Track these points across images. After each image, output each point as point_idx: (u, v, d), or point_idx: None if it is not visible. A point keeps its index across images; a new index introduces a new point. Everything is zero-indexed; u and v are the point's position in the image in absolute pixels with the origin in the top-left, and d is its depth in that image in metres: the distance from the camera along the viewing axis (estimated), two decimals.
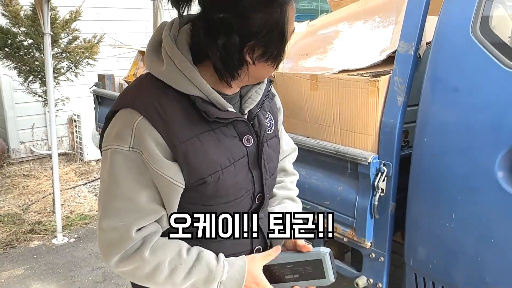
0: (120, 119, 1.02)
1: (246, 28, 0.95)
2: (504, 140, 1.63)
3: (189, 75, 0.99)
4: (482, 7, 1.72)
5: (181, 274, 1.05)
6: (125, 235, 1.02)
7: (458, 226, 1.79)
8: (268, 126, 1.19)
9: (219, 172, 1.04)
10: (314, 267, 1.14)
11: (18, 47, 4.22)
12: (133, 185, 1.01)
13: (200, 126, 1.02)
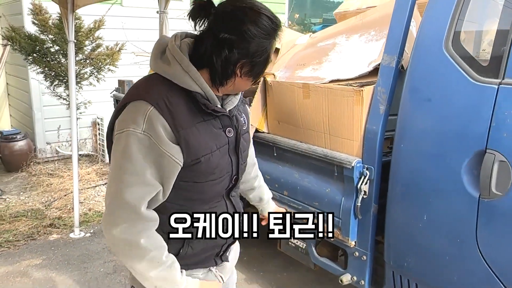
0: (134, 108, 1.22)
1: (245, 49, 1.20)
2: (469, 147, 1.76)
3: (193, 76, 1.22)
4: (455, 24, 1.85)
5: (155, 271, 1.24)
6: (136, 213, 1.20)
7: (429, 226, 1.92)
8: (243, 123, 1.43)
9: (209, 154, 1.27)
10: None
11: (45, 53, 4.53)
12: (141, 162, 1.20)
13: (197, 117, 1.26)
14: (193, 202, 1.34)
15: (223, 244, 1.45)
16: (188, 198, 1.33)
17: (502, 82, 1.68)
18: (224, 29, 1.19)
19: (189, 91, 1.23)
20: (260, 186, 1.81)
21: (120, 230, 1.20)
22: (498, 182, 1.68)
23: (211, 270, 1.46)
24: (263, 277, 3.40)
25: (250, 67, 1.24)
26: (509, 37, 1.69)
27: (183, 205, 1.33)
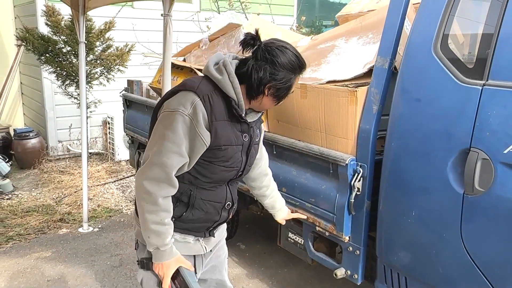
0: (185, 96, 1.59)
1: (275, 75, 1.60)
2: (454, 146, 1.84)
3: (235, 86, 1.61)
4: (443, 28, 1.94)
5: (156, 225, 1.59)
6: (169, 174, 1.57)
7: (417, 222, 2.00)
8: (256, 135, 1.82)
9: (228, 146, 1.64)
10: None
11: (57, 53, 4.68)
12: (181, 136, 1.56)
13: (227, 116, 1.63)
14: (204, 178, 1.67)
15: (215, 221, 1.78)
16: (202, 174, 1.66)
17: (486, 83, 1.76)
18: (263, 58, 1.59)
19: (227, 97, 1.60)
20: (273, 196, 2.15)
21: (149, 183, 1.56)
22: (481, 179, 1.76)
23: (199, 240, 1.80)
24: (264, 272, 3.50)
25: (276, 90, 1.63)
26: (493, 41, 1.76)
27: (196, 178, 1.67)
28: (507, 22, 1.73)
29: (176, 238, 1.73)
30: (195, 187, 1.69)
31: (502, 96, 1.70)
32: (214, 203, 1.73)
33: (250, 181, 2.08)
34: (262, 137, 1.96)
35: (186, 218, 1.70)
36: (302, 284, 3.34)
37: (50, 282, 3.27)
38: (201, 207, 1.71)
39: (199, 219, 1.73)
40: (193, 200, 1.69)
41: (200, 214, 1.72)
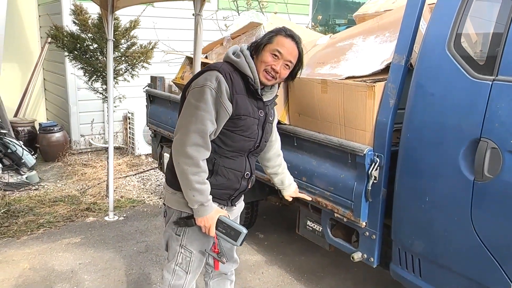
0: (210, 74, 1.88)
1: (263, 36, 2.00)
2: (466, 136, 1.99)
3: (251, 66, 1.93)
4: (457, 26, 2.09)
5: (199, 185, 1.86)
6: (205, 139, 1.84)
7: (430, 207, 2.16)
8: (271, 114, 2.11)
9: (247, 116, 1.93)
10: (235, 233, 1.92)
11: (85, 50, 4.90)
12: (210, 106, 1.84)
13: (246, 92, 1.93)
14: (226, 147, 1.95)
15: (236, 189, 2.06)
16: (224, 143, 1.94)
17: (496, 79, 1.91)
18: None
19: (245, 76, 1.92)
20: (283, 173, 2.45)
21: (190, 148, 1.82)
22: (490, 167, 1.91)
23: (223, 208, 2.05)
24: (282, 260, 3.67)
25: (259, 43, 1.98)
26: (502, 39, 1.91)
27: (220, 147, 1.95)
28: None
29: None
30: (219, 156, 1.95)
31: (510, 90, 1.85)
32: (235, 171, 2.00)
33: (265, 161, 2.38)
34: (276, 120, 2.25)
35: (211, 184, 1.93)
36: (319, 270, 3.51)
37: (81, 265, 3.49)
38: (223, 174, 1.97)
39: (222, 185, 1.98)
40: (217, 167, 1.95)
41: (223, 180, 1.98)
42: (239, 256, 3.69)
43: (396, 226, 2.38)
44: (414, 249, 2.30)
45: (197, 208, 1.89)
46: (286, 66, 1.96)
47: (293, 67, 2.00)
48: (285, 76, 2.00)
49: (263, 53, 1.93)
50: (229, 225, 1.92)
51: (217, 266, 2.17)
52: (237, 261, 2.37)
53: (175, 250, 2.06)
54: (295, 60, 1.98)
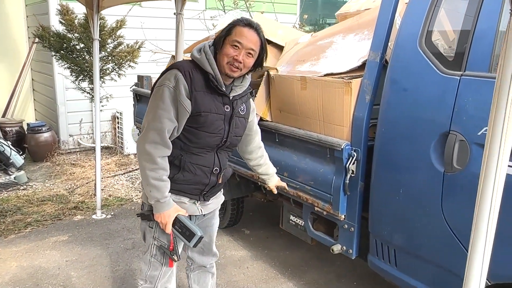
0: (170, 73, 1.94)
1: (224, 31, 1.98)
2: (436, 130, 2.07)
3: (210, 62, 1.94)
4: (428, 24, 2.16)
5: (155, 181, 1.92)
6: (163, 137, 1.90)
7: (404, 199, 2.24)
8: (241, 109, 2.10)
9: (207, 112, 1.95)
10: (190, 234, 1.97)
11: (71, 50, 4.93)
12: (169, 104, 1.90)
13: (206, 88, 1.95)
14: (192, 144, 2.00)
15: (206, 184, 2.08)
16: (189, 140, 1.99)
17: (463, 74, 1.99)
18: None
19: (206, 72, 1.94)
20: (266, 164, 2.49)
21: (148, 145, 1.90)
22: (459, 159, 1.99)
23: (196, 203, 2.12)
24: (267, 255, 3.74)
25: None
26: (470, 37, 1.99)
27: (186, 144, 2.00)
28: (482, 20, 1.95)
29: (172, 198, 2.02)
30: (185, 152, 2.00)
31: (476, 85, 1.93)
32: (202, 167, 2.04)
33: (247, 154, 2.41)
34: (253, 114, 2.28)
35: (178, 179, 2.01)
36: (303, 264, 3.58)
37: (68, 262, 3.52)
38: (190, 169, 2.02)
39: (190, 180, 2.03)
40: (183, 163, 2.00)
41: (190, 176, 2.02)
42: (225, 252, 3.79)
43: (373, 218, 2.45)
44: (390, 240, 2.37)
45: (154, 204, 1.96)
46: (249, 54, 1.94)
47: (257, 55, 1.99)
48: (250, 64, 1.98)
49: (224, 46, 1.94)
50: (186, 225, 1.97)
51: (171, 263, 2.15)
52: (216, 255, 2.41)
53: (149, 242, 2.11)
54: (257, 48, 1.96)
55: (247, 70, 2.00)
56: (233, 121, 2.04)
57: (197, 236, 1.96)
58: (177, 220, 1.98)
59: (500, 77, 1.10)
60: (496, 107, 1.13)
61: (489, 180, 1.20)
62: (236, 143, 2.17)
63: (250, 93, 2.18)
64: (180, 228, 1.98)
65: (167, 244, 2.07)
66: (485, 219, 1.23)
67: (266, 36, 3.58)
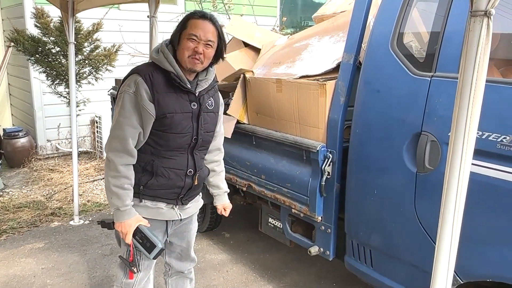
0: (130, 79, 1.90)
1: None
2: (408, 130, 2.09)
3: (169, 60, 1.89)
4: (399, 26, 2.19)
5: (116, 188, 1.89)
6: (125, 144, 1.88)
7: (378, 199, 2.25)
8: (209, 104, 2.05)
9: (173, 113, 1.90)
10: (150, 245, 1.95)
11: (47, 54, 4.86)
12: (130, 111, 1.87)
13: (170, 88, 1.91)
14: (162, 147, 1.96)
15: (182, 187, 2.04)
16: (158, 143, 1.95)
17: (434, 75, 2.01)
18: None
19: (167, 71, 1.89)
20: (220, 174, 2.34)
21: (111, 153, 1.90)
22: (430, 159, 2.01)
23: (174, 208, 2.08)
24: (247, 258, 3.72)
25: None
26: (439, 38, 2.02)
27: (156, 148, 1.96)
28: (451, 22, 1.98)
29: (148, 205, 2.01)
30: (157, 157, 1.96)
31: (446, 85, 1.95)
32: (175, 170, 1.99)
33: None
34: (221, 110, 2.18)
35: (152, 185, 1.98)
36: (283, 267, 3.58)
37: (44, 270, 3.46)
38: (163, 174, 1.97)
39: (164, 185, 1.99)
40: (156, 168, 1.96)
41: (164, 180, 1.98)
42: (204, 256, 3.76)
43: (349, 219, 2.46)
44: (365, 240, 2.39)
45: (114, 212, 1.93)
46: (208, 46, 1.89)
47: (216, 46, 1.94)
48: (211, 55, 1.93)
49: (182, 41, 1.89)
50: (147, 236, 1.94)
51: (131, 275, 2.09)
52: (195, 260, 2.38)
53: (124, 249, 2.08)
54: (215, 38, 1.91)
55: (209, 61, 1.95)
56: (201, 118, 1.99)
57: (157, 248, 1.94)
58: (138, 230, 1.95)
59: (462, 78, 1.11)
60: (458, 107, 1.14)
61: (453, 178, 1.21)
62: (209, 140, 2.12)
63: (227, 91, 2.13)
64: (141, 238, 1.95)
65: (127, 254, 2.04)
66: (451, 217, 1.24)
67: (243, 39, 3.62)
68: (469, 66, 1.09)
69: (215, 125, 2.12)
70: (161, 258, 2.32)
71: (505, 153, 1.76)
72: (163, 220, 2.08)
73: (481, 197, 1.83)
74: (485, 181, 1.82)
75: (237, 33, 3.64)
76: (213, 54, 1.95)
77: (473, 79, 1.09)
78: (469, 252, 1.87)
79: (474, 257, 1.89)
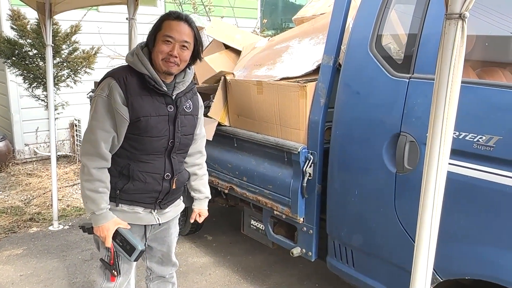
0: (104, 82, 1.88)
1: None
2: (388, 131, 2.11)
3: (144, 63, 1.87)
4: (378, 28, 2.21)
5: (90, 192, 1.88)
6: (97, 148, 1.86)
7: (359, 200, 2.27)
8: (187, 106, 2.02)
9: (147, 116, 1.87)
10: (130, 248, 1.94)
11: (24, 56, 4.77)
12: (103, 114, 1.84)
13: (144, 91, 1.88)
14: (138, 151, 1.93)
15: (159, 192, 2.01)
16: (134, 147, 1.93)
17: (412, 76, 2.04)
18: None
19: (142, 74, 1.86)
20: (203, 178, 2.29)
21: (84, 157, 1.89)
22: (409, 159, 2.03)
23: (152, 212, 2.05)
24: (230, 260, 3.71)
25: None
26: (417, 40, 2.05)
27: (133, 152, 1.94)
28: (427, 24, 2.01)
29: (125, 209, 1.98)
30: (133, 161, 1.94)
31: (424, 87, 1.98)
32: (152, 174, 1.96)
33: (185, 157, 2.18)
34: (201, 112, 2.15)
35: (129, 189, 1.95)
36: (266, 268, 3.58)
37: (23, 277, 3.39)
38: (140, 178, 1.94)
39: (141, 189, 1.97)
40: (132, 172, 1.94)
41: (140, 184, 1.95)
42: (187, 259, 3.74)
43: (330, 220, 2.48)
44: (347, 241, 2.40)
45: (90, 216, 1.92)
46: (183, 47, 1.86)
47: (193, 47, 1.91)
48: (187, 57, 1.90)
49: (157, 44, 1.85)
50: (126, 239, 1.93)
51: (112, 278, 2.06)
52: (176, 264, 2.35)
53: (103, 254, 2.05)
54: (190, 39, 1.88)
55: (185, 63, 1.92)
56: (178, 121, 1.95)
57: (137, 250, 1.92)
58: (117, 233, 1.93)
59: (438, 79, 1.13)
60: (435, 108, 1.16)
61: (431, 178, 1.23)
62: (187, 143, 2.08)
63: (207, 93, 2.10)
64: (121, 241, 1.93)
65: (108, 258, 2.01)
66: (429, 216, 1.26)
67: (224, 41, 3.62)
68: (444, 67, 1.11)
69: (193, 128, 2.09)
70: (142, 262, 2.30)
71: (481, 152, 1.80)
72: (141, 224, 2.05)
73: (458, 196, 1.87)
74: (462, 180, 1.86)
75: (217, 35, 3.63)
76: (190, 55, 1.92)
77: (448, 80, 1.11)
78: (448, 251, 1.90)
79: (452, 255, 1.92)
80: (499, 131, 1.75)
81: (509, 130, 1.73)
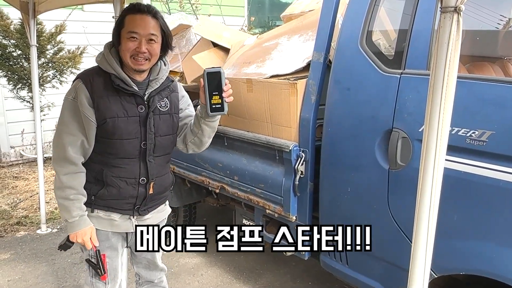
0: (73, 84, 1.84)
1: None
2: (380, 128, 2.10)
3: (110, 62, 1.80)
4: (368, 24, 2.20)
5: (62, 199, 1.83)
6: (64, 152, 1.80)
7: (352, 197, 2.25)
8: (162, 105, 1.91)
9: (114, 118, 1.80)
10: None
11: (7, 57, 4.68)
12: (69, 118, 1.80)
13: (111, 92, 1.80)
14: (110, 156, 1.86)
15: (136, 197, 1.93)
16: (105, 151, 1.86)
17: (403, 72, 2.03)
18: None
19: (109, 73, 1.80)
20: (192, 126, 1.99)
21: (54, 163, 1.85)
22: (402, 155, 2.02)
23: (131, 218, 1.98)
24: (222, 260, 3.68)
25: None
26: (407, 35, 2.03)
27: (106, 156, 1.87)
28: (418, 20, 2.00)
29: (100, 215, 1.92)
30: (106, 166, 1.87)
31: (415, 82, 1.97)
32: (126, 179, 1.88)
33: (182, 145, 2.06)
34: (183, 110, 2.01)
35: (103, 195, 1.89)
36: (259, 267, 3.56)
37: (10, 282, 3.32)
38: (113, 184, 1.87)
39: (115, 195, 1.89)
40: (105, 178, 1.86)
41: (115, 191, 1.88)
42: (178, 260, 3.70)
43: (323, 218, 2.46)
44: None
45: (64, 224, 1.90)
46: (151, 41, 1.76)
47: (161, 39, 1.81)
48: (157, 51, 1.80)
49: (122, 41, 1.76)
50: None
51: (103, 277, 1.99)
52: (164, 269, 2.29)
53: (86, 254, 1.99)
54: (157, 31, 1.78)
55: (156, 57, 1.82)
56: (149, 121, 1.84)
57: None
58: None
59: (434, 74, 1.11)
60: (431, 103, 1.14)
61: (427, 174, 1.21)
62: (166, 144, 1.94)
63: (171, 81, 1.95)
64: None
65: (93, 257, 1.97)
66: (426, 212, 1.24)
67: (212, 39, 3.58)
68: (440, 62, 1.09)
69: (172, 128, 1.96)
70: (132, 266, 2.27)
71: (474, 147, 1.79)
72: (119, 232, 1.99)
73: (451, 192, 1.86)
74: (455, 176, 1.85)
75: (205, 33, 3.59)
76: (159, 48, 1.81)
77: (444, 74, 1.09)
78: (442, 246, 1.89)
79: (447, 251, 1.91)
80: (491, 126, 1.74)
81: (501, 124, 1.72)
